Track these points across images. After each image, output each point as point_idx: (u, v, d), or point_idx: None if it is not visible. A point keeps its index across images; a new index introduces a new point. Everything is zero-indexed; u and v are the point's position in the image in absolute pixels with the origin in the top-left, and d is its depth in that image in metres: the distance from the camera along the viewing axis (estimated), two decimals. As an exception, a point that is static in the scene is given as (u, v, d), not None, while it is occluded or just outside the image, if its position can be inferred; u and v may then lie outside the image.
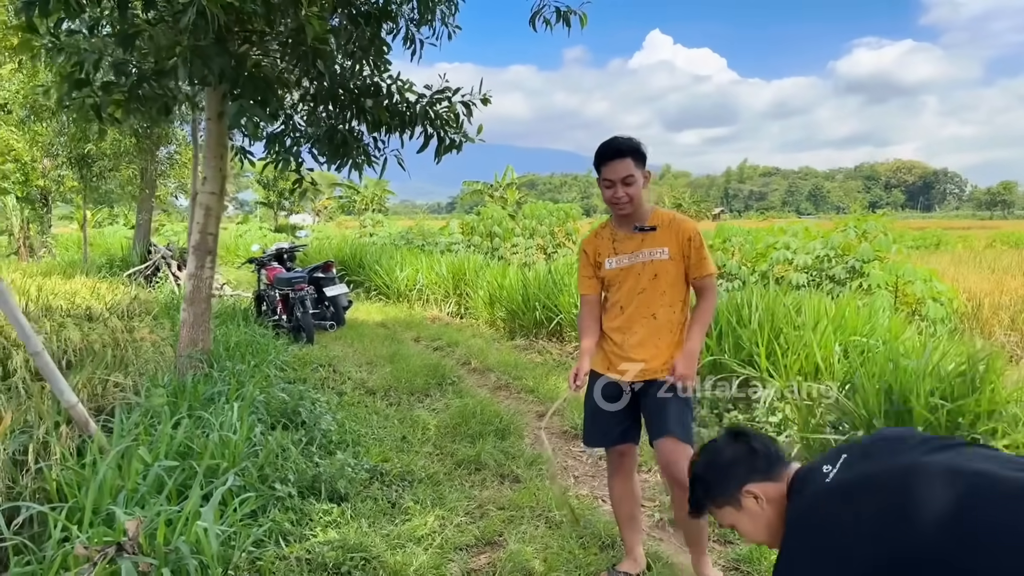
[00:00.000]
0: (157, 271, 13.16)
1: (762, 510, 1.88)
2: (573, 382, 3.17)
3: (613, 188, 3.10)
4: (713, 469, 1.99)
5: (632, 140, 3.12)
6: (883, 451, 1.72)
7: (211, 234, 6.10)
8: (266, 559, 3.25)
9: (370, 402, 6.18)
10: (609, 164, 3.09)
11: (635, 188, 3.08)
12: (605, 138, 3.16)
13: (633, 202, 3.10)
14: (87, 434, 3.99)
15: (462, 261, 12.53)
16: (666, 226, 3.17)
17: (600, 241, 3.30)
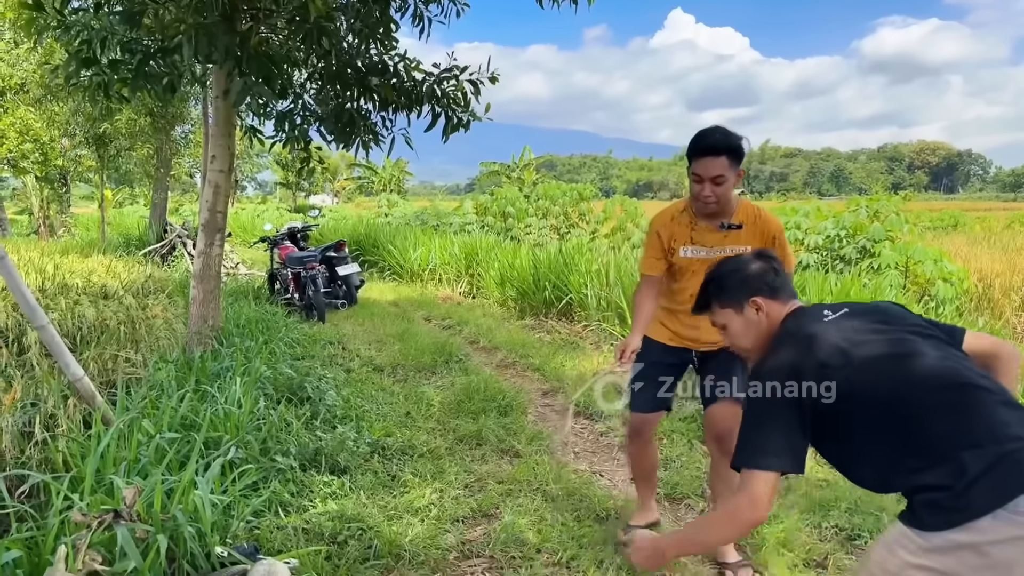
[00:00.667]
0: (173, 250, 13.30)
1: (758, 321, 2.10)
2: (619, 357, 3.08)
3: (702, 185, 2.99)
4: (734, 275, 2.17)
5: (731, 137, 2.95)
6: (874, 320, 1.91)
7: (220, 212, 6.16)
8: (264, 528, 3.32)
9: (377, 379, 6.24)
10: (701, 160, 2.97)
11: (724, 188, 2.97)
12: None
13: (720, 202, 3.01)
14: (93, 407, 4.07)
15: (474, 241, 12.56)
16: (751, 223, 3.10)
17: (677, 227, 3.19)
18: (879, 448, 1.76)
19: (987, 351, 1.92)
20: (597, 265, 8.85)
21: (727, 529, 1.96)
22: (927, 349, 1.80)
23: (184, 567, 2.90)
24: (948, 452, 1.64)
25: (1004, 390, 1.76)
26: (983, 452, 1.60)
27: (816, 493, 3.94)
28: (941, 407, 1.69)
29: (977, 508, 1.57)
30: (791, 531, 3.49)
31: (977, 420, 1.65)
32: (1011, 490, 1.55)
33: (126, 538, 2.63)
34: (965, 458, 1.61)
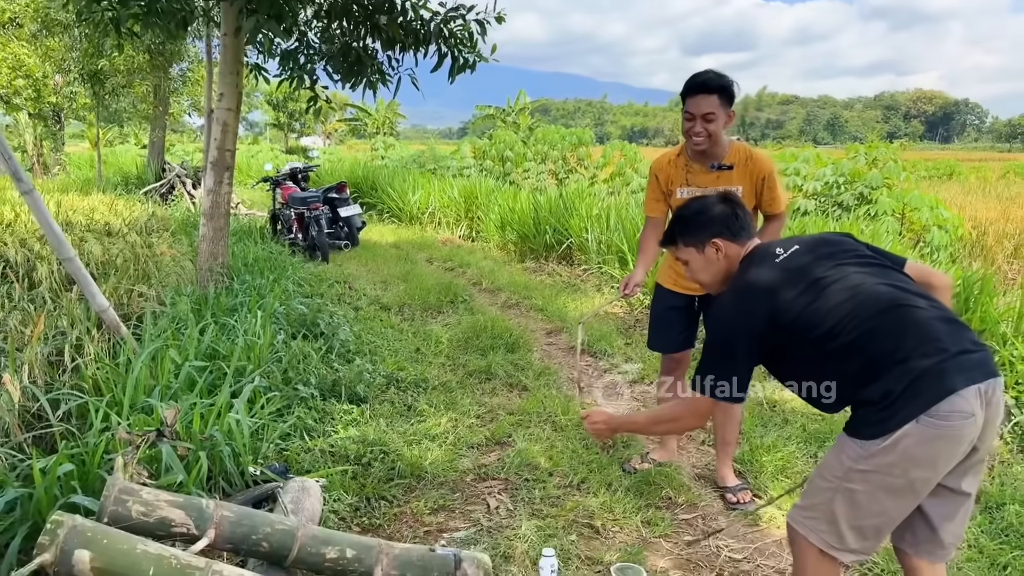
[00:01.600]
0: (172, 189, 13.30)
1: (718, 261, 2.28)
2: (623, 288, 3.35)
3: (693, 122, 3.11)
4: (698, 216, 2.34)
5: (724, 77, 3.10)
6: (822, 254, 2.08)
7: (228, 150, 6.21)
8: (292, 450, 3.50)
9: (385, 317, 6.39)
10: (694, 98, 3.10)
11: (715, 126, 3.09)
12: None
13: (711, 139, 3.13)
14: (119, 336, 4.21)
15: (474, 185, 12.60)
16: (742, 164, 3.22)
17: (673, 170, 3.34)
18: (826, 369, 1.96)
19: (923, 280, 2.11)
20: (597, 209, 8.95)
21: (669, 428, 2.35)
22: (869, 275, 1.99)
23: (220, 484, 3.09)
24: (884, 369, 1.84)
25: (941, 306, 1.96)
26: (912, 366, 1.80)
27: (812, 426, 4.14)
28: (880, 328, 1.87)
29: (903, 417, 1.79)
30: (788, 459, 3.69)
31: (911, 337, 1.84)
32: (932, 399, 1.77)
33: (170, 454, 2.81)
34: (896, 373, 1.81)
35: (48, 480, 2.53)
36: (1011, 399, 4.05)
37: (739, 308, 2.10)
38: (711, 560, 2.92)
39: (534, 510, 3.23)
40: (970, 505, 2.01)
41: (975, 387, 1.79)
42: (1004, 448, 3.83)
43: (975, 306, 4.50)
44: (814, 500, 2.01)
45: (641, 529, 3.11)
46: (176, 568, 2.01)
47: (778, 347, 2.05)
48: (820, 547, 1.98)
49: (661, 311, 3.54)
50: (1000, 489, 3.36)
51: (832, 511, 1.95)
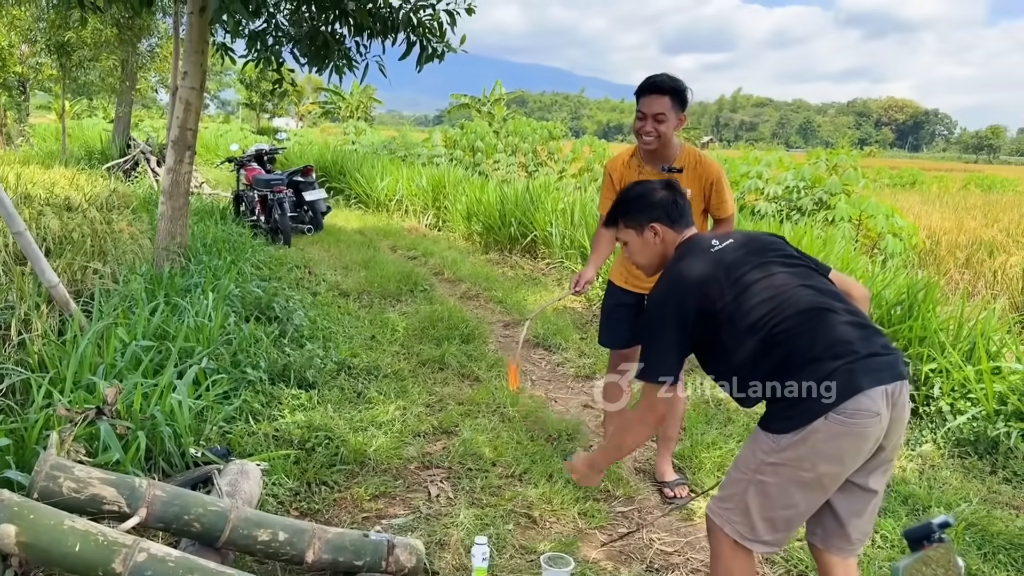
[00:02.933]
0: (136, 166, 13.12)
1: (655, 244, 2.35)
2: (574, 285, 3.42)
3: (644, 121, 3.19)
4: (639, 200, 2.40)
5: (678, 81, 3.18)
6: (753, 249, 2.18)
7: (191, 129, 6.16)
8: (236, 433, 3.50)
9: (343, 303, 6.39)
10: (646, 98, 3.18)
11: (664, 127, 3.16)
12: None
13: (660, 139, 3.19)
14: (68, 313, 4.18)
15: (442, 174, 12.59)
16: (692, 168, 3.28)
17: (627, 170, 3.40)
18: (746, 363, 2.04)
19: (844, 289, 2.20)
20: (563, 204, 9.01)
21: (639, 431, 2.30)
22: (793, 276, 2.08)
23: (160, 464, 3.09)
24: (797, 367, 1.93)
25: (855, 311, 2.05)
26: (823, 366, 1.89)
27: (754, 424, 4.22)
28: (797, 327, 1.96)
29: (813, 413, 1.88)
30: (727, 456, 3.77)
31: (823, 339, 1.93)
32: (840, 397, 1.85)
33: (108, 433, 2.81)
34: (808, 371, 1.90)
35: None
36: (946, 405, 4.17)
37: (671, 292, 2.16)
38: (642, 552, 2.99)
39: (474, 499, 3.28)
40: (877, 502, 2.09)
41: (882, 388, 1.87)
42: (936, 452, 3.96)
43: (917, 314, 4.62)
44: (730, 491, 2.09)
45: (577, 520, 3.17)
46: (103, 544, 2.02)
47: (707, 337, 2.11)
48: (734, 537, 2.05)
49: (611, 307, 3.62)
50: (928, 492, 3.47)
51: (746, 502, 2.02)
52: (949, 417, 4.09)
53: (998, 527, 3.13)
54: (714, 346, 2.12)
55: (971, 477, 3.69)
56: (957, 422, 3.98)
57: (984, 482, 3.64)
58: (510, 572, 2.74)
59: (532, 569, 2.74)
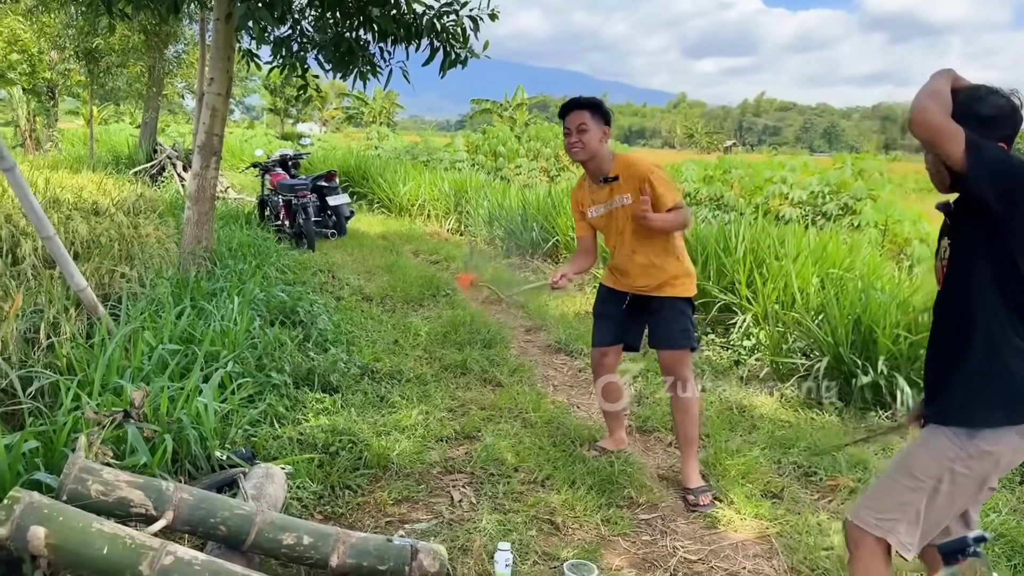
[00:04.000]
0: (162, 170, 13.27)
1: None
2: (555, 279, 3.56)
3: (569, 135, 3.41)
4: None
5: (594, 98, 3.48)
6: None
7: (216, 135, 6.23)
8: (261, 436, 3.53)
9: (366, 307, 6.42)
10: (568, 115, 3.42)
11: (588, 136, 3.36)
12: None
13: (586, 149, 3.39)
14: (96, 317, 4.23)
15: (464, 179, 12.64)
16: (624, 173, 3.44)
17: (582, 192, 3.65)
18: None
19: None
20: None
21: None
22: None
23: (186, 467, 3.12)
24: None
25: None
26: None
27: (779, 432, 4.20)
28: None
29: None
30: (751, 465, 3.74)
31: None
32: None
33: (135, 435, 2.84)
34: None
35: (12, 456, 2.56)
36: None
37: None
38: (666, 560, 2.97)
39: (496, 504, 3.27)
40: None
41: None
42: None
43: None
44: (897, 500, 2.00)
45: (600, 527, 3.16)
46: (130, 547, 2.05)
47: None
48: (897, 548, 1.97)
49: (599, 306, 3.82)
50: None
51: (918, 511, 1.95)
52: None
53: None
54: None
55: (1000, 488, 3.63)
56: (986, 431, 3.91)
57: (1014, 492, 3.59)
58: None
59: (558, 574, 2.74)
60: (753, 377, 5.20)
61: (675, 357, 3.54)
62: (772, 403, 4.73)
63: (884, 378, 4.52)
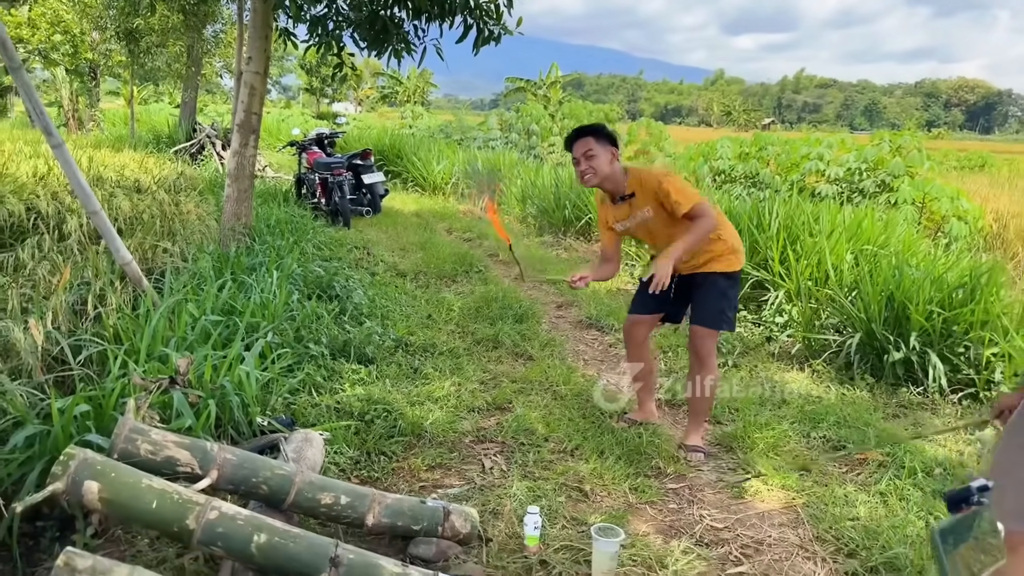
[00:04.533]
0: (202, 149, 13.50)
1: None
2: (575, 279, 3.64)
3: (578, 164, 3.51)
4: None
5: (595, 124, 3.61)
6: None
7: (255, 113, 6.34)
8: (300, 404, 3.65)
9: (400, 283, 6.53)
10: (573, 144, 3.53)
11: (596, 161, 3.46)
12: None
13: (597, 175, 3.49)
14: (140, 289, 4.38)
15: (498, 157, 12.68)
16: (640, 188, 3.54)
17: (606, 210, 3.76)
18: None
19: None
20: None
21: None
22: None
23: (229, 432, 3.25)
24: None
25: None
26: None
27: (808, 407, 4.22)
28: None
29: None
30: (780, 437, 3.78)
31: None
32: None
33: (181, 400, 2.96)
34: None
35: (65, 419, 2.69)
36: (1008, 390, 4.10)
37: None
38: (691, 527, 3.03)
39: (527, 472, 3.36)
40: None
41: None
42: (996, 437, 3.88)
43: (980, 297, 4.53)
44: None
45: (628, 495, 3.23)
46: (178, 502, 2.16)
47: None
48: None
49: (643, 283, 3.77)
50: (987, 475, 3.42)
51: None
52: (1011, 402, 4.01)
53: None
54: None
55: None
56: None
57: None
58: (561, 542, 2.81)
59: (583, 540, 2.81)
60: (785, 353, 5.22)
61: (701, 333, 3.61)
62: (803, 379, 4.75)
63: (916, 354, 4.51)
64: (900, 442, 3.68)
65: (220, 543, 2.15)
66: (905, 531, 2.93)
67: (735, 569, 2.77)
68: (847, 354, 4.78)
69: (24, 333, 3.27)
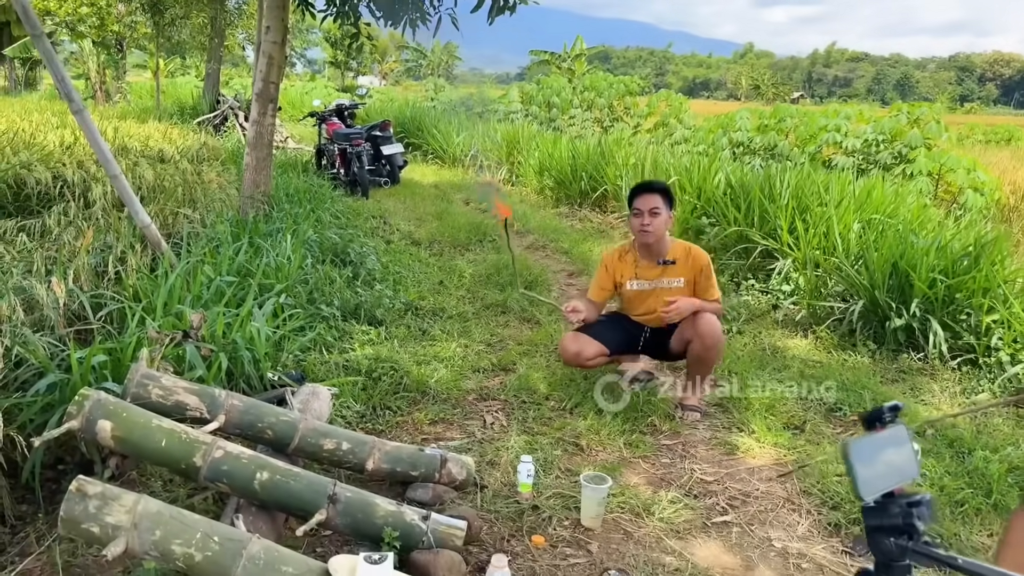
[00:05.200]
0: (225, 120, 13.67)
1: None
2: (568, 309, 3.72)
3: (641, 217, 3.64)
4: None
5: (665, 184, 3.79)
6: None
7: (273, 82, 6.44)
8: (310, 362, 3.79)
9: (414, 251, 6.65)
10: (640, 196, 3.66)
11: (659, 220, 3.61)
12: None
13: (655, 232, 3.64)
14: (159, 252, 4.54)
15: (517, 129, 12.70)
16: (683, 259, 3.74)
17: (624, 265, 3.85)
18: None
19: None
20: (635, 159, 9.03)
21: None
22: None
23: (240, 385, 3.39)
24: None
25: None
26: None
27: (808, 371, 4.30)
28: None
29: None
30: (776, 399, 3.86)
31: None
32: None
33: (193, 353, 3.11)
34: None
35: (84, 368, 2.85)
36: (1006, 356, 4.15)
37: None
38: (681, 479, 3.14)
39: (526, 427, 3.48)
40: None
41: None
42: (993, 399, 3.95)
43: (983, 265, 4.56)
44: None
45: (623, 450, 3.34)
46: (185, 441, 2.30)
47: None
48: None
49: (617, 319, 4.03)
50: (975, 437, 3.49)
51: None
52: (1008, 367, 4.07)
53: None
54: None
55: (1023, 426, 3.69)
56: (1015, 370, 3.96)
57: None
58: (554, 490, 2.94)
59: (574, 488, 2.93)
60: (789, 321, 5.27)
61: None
62: (805, 345, 4.82)
63: (918, 321, 4.57)
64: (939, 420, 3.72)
65: (225, 480, 2.29)
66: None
67: (720, 518, 2.88)
68: (850, 321, 4.83)
69: (47, 291, 3.43)
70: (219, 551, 1.90)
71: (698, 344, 3.62)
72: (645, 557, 2.58)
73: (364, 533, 2.34)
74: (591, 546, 2.64)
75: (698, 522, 2.83)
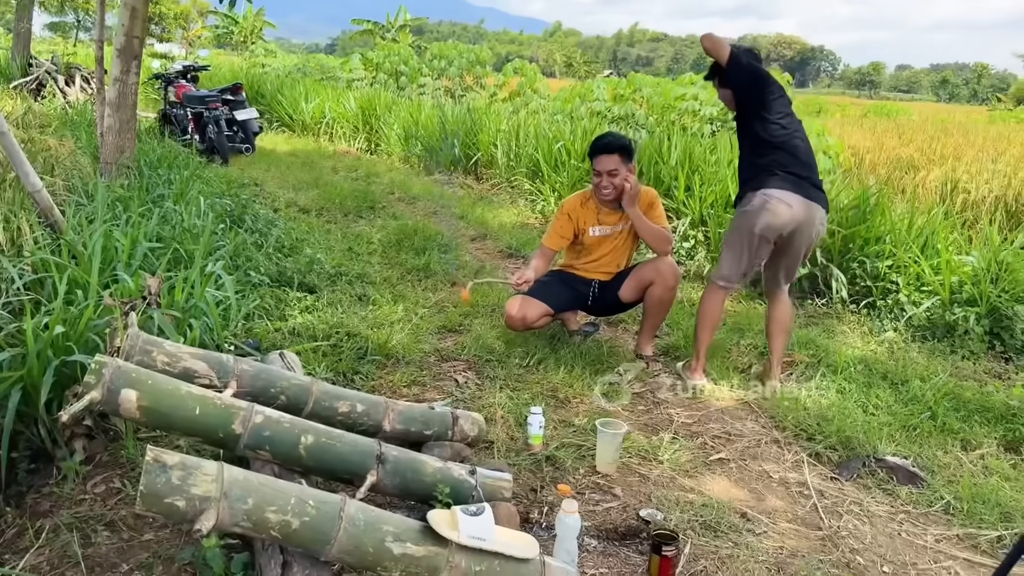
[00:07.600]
0: (43, 86, 12.26)
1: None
2: (517, 281, 3.71)
3: (600, 178, 3.74)
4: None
5: (623, 139, 3.81)
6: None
7: (136, 37, 5.91)
8: (260, 330, 3.54)
9: (306, 219, 6.35)
10: (599, 157, 3.73)
11: (618, 179, 3.71)
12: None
13: (614, 191, 3.73)
14: (52, 218, 4.04)
15: (372, 97, 12.37)
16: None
17: (587, 212, 3.90)
18: None
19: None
20: (507, 125, 9.06)
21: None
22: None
23: (199, 357, 3.11)
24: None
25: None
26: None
27: (730, 320, 4.55)
28: None
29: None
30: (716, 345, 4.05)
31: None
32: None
33: (162, 320, 2.82)
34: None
35: (44, 341, 2.51)
36: (905, 297, 4.60)
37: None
38: (667, 424, 3.25)
39: (502, 385, 3.45)
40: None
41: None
42: (899, 339, 4.36)
43: (871, 217, 5.01)
44: None
45: (602, 401, 3.40)
46: (221, 408, 2.09)
47: None
48: None
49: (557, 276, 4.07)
50: (903, 368, 3.85)
51: None
52: (908, 308, 4.50)
53: (968, 395, 3.55)
54: None
55: (935, 357, 4.12)
56: (918, 310, 4.40)
57: (947, 359, 4.08)
58: (558, 440, 2.95)
59: (578, 437, 2.97)
60: (697, 276, 5.54)
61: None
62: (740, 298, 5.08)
63: (820, 269, 4.95)
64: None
65: (268, 447, 2.11)
66: (852, 417, 3.27)
67: (716, 456, 3.01)
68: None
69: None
70: (316, 515, 1.75)
71: (660, 285, 3.75)
72: (669, 496, 2.65)
73: (413, 492, 2.24)
74: (615, 490, 2.68)
75: (699, 461, 2.95)
